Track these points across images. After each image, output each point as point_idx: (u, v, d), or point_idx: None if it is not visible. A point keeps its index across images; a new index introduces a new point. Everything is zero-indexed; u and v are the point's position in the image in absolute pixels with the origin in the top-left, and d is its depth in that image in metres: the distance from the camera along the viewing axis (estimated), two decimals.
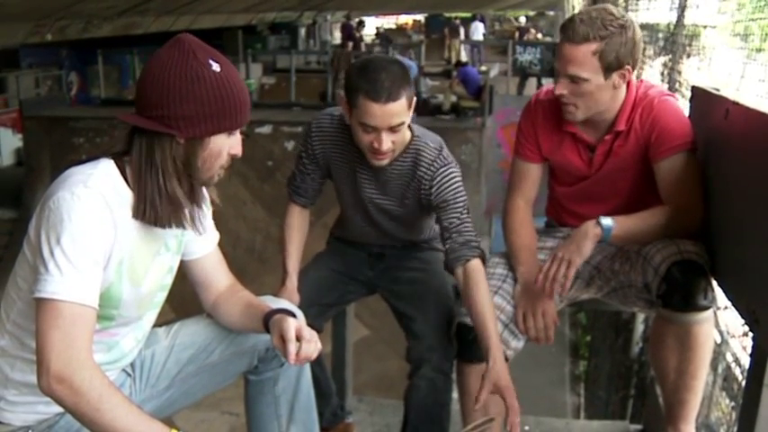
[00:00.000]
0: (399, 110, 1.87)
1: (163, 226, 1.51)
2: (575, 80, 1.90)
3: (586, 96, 1.92)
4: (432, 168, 2.02)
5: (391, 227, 2.18)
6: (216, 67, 1.43)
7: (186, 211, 1.51)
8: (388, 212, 2.14)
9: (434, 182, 2.01)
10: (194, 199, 1.53)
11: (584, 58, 1.87)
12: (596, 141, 2.02)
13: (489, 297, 1.94)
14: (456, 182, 2.02)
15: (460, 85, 12.82)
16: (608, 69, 1.88)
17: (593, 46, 1.85)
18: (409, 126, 1.99)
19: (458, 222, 2.00)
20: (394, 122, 1.88)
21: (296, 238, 2.20)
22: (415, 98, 1.94)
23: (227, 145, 1.49)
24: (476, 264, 1.97)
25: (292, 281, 2.12)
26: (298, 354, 1.50)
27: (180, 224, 1.52)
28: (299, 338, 1.51)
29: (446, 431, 2.11)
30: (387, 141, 1.90)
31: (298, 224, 2.22)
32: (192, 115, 1.42)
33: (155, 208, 1.47)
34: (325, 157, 2.14)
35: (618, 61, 1.87)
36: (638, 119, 1.96)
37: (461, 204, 2.02)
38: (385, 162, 1.97)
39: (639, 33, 1.90)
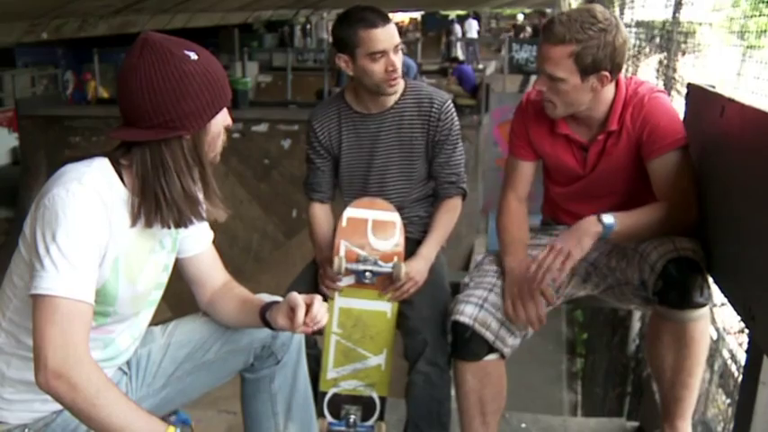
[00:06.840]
0: (395, 29, 2.10)
1: (185, 225, 1.53)
2: (552, 78, 1.90)
3: (563, 95, 1.92)
4: (436, 103, 2.21)
5: (397, 187, 2.25)
6: (193, 56, 1.45)
7: (201, 203, 1.54)
8: (396, 164, 2.23)
9: (441, 114, 2.20)
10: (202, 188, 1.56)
11: (560, 59, 1.87)
12: (589, 141, 2.02)
13: (446, 220, 2.24)
14: (456, 117, 2.24)
15: (456, 83, 12.82)
16: (584, 72, 1.87)
17: (569, 48, 1.85)
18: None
19: (454, 159, 2.24)
20: (396, 41, 2.09)
21: (322, 231, 2.28)
22: None
23: (221, 121, 1.52)
24: (454, 199, 2.28)
25: (326, 271, 2.16)
26: (307, 317, 1.53)
27: (201, 218, 1.55)
28: (308, 308, 1.53)
29: (446, 426, 2.10)
30: (397, 61, 2.09)
31: (321, 217, 2.31)
32: (193, 110, 1.44)
33: (180, 211, 1.49)
34: (331, 139, 2.24)
35: (595, 65, 1.86)
36: (629, 117, 1.95)
37: (455, 138, 2.23)
38: (397, 87, 2.15)
39: (623, 38, 1.87)
